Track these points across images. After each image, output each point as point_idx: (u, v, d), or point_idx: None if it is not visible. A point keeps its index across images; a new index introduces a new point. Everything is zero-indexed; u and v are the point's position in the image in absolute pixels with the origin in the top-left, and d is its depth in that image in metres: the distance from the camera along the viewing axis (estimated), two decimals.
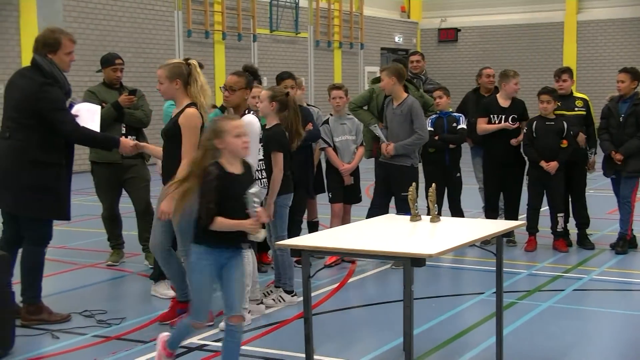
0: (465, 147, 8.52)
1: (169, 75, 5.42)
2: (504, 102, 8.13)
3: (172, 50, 18.05)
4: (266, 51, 20.94)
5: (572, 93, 8.27)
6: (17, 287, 5.51)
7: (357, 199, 7.86)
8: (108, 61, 7.46)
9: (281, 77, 7.41)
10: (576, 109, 8.13)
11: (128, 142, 5.85)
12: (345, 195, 7.74)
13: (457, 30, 26.94)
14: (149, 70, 17.59)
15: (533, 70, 25.53)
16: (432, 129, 7.90)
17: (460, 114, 8.18)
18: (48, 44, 5.57)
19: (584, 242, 8.22)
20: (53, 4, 15.47)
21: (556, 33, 25.57)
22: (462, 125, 8.03)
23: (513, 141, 8.03)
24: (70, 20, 15.90)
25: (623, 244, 7.93)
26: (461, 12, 26.87)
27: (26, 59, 14.86)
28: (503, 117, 8.06)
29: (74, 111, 5.85)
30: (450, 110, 8.18)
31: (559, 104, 7.92)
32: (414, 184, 4.93)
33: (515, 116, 8.08)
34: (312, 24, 22.49)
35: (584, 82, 23.60)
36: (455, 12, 26.99)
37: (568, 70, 8.30)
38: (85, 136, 5.71)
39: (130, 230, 7.96)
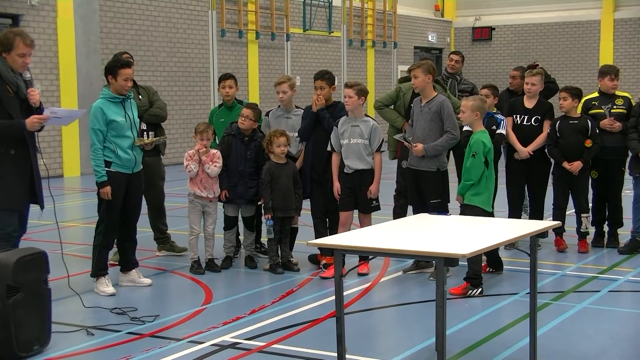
0: None
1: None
2: (528, 103, 7.92)
3: (206, 49, 18.16)
4: (299, 50, 20.97)
5: None
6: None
7: (372, 209, 7.18)
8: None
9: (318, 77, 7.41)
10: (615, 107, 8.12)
11: (31, 118, 5.63)
12: (358, 204, 7.13)
13: (491, 28, 26.72)
14: (183, 69, 17.74)
15: (569, 69, 25.25)
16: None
17: (503, 118, 7.69)
18: (2, 43, 5.69)
19: (611, 240, 8.19)
20: (90, 4, 15.64)
21: (592, 31, 25.24)
22: (501, 130, 7.50)
23: (516, 155, 7.86)
24: (107, 20, 16.08)
25: (631, 245, 7.92)
26: (496, 11, 26.64)
27: (63, 59, 15.14)
28: (526, 117, 7.89)
29: (50, 111, 5.81)
30: (494, 111, 7.80)
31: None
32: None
33: (539, 117, 7.87)
34: (345, 23, 22.47)
35: (620, 81, 23.22)
36: (490, 11, 26.77)
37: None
38: None
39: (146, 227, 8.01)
